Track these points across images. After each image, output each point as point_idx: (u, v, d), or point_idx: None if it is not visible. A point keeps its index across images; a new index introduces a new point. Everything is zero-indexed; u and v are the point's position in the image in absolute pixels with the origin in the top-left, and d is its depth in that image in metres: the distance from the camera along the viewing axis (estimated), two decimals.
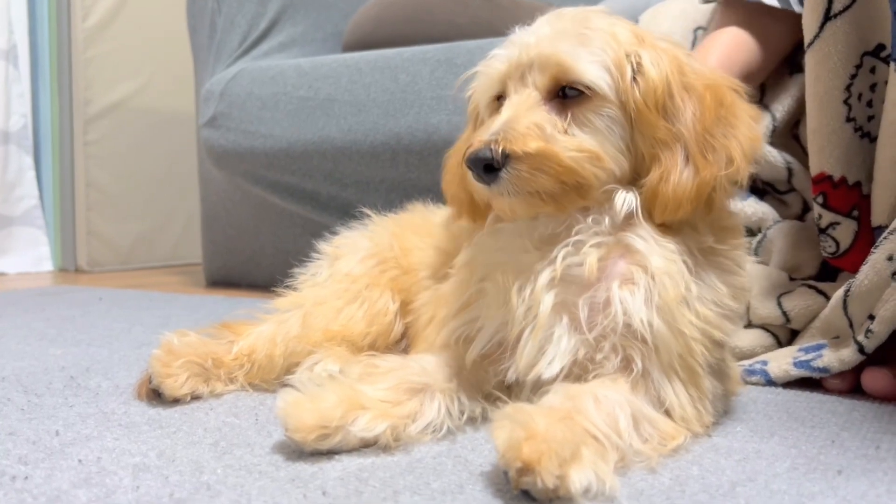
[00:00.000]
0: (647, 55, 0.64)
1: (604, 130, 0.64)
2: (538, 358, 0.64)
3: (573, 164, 0.63)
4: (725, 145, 0.63)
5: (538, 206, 0.65)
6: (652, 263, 0.63)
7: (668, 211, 0.64)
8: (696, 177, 0.63)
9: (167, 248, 2.86)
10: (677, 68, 0.65)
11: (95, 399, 0.81)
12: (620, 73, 0.64)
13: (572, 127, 0.64)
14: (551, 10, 0.72)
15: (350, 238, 0.93)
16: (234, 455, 0.63)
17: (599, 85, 0.64)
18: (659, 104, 0.64)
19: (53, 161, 2.62)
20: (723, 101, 0.65)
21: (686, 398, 0.64)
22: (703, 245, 0.67)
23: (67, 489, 0.55)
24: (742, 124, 0.65)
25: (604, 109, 0.64)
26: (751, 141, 0.65)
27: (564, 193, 0.64)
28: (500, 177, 0.62)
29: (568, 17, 0.67)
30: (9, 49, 2.47)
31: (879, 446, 0.66)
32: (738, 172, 0.64)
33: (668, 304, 0.62)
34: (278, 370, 0.83)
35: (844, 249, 0.91)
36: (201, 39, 2.05)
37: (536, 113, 0.64)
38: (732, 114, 0.65)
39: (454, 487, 0.56)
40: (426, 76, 1.66)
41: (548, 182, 0.63)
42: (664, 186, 0.63)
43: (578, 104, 0.65)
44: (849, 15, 0.84)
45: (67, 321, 1.36)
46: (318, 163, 1.77)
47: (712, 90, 0.65)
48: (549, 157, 0.62)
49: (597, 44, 0.65)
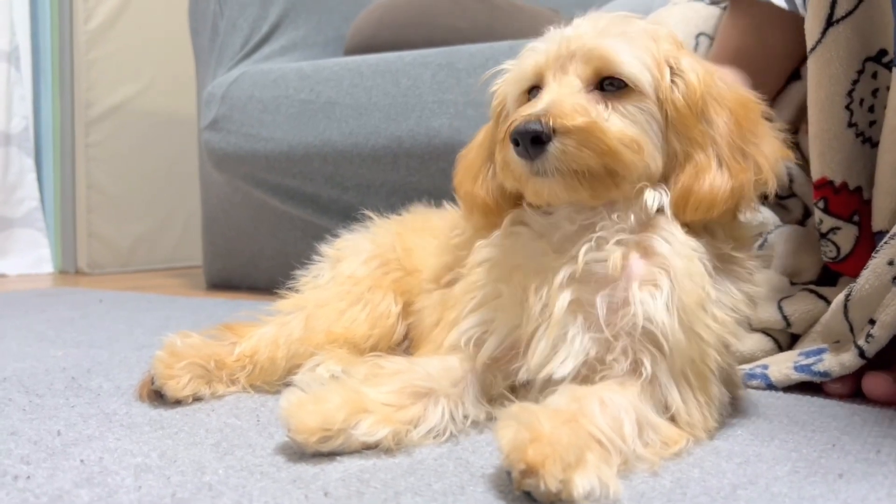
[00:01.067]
0: (685, 60, 0.66)
1: (643, 124, 0.65)
2: (550, 357, 0.64)
3: (619, 145, 0.63)
4: (754, 155, 0.65)
5: (575, 190, 0.64)
6: (673, 265, 0.63)
7: (700, 209, 0.65)
8: (731, 179, 0.64)
9: (167, 250, 2.86)
10: (706, 76, 0.67)
11: (97, 400, 0.81)
12: (660, 73, 0.66)
13: (613, 116, 0.65)
14: (552, 14, 0.73)
15: (352, 240, 0.93)
16: (235, 456, 0.63)
17: (640, 80, 0.65)
18: (697, 107, 0.65)
19: (54, 163, 2.62)
20: (750, 116, 0.67)
21: (693, 403, 0.64)
22: (721, 252, 0.67)
23: (70, 489, 0.55)
24: (768, 138, 0.67)
25: (643, 104, 0.65)
26: (776, 155, 0.67)
27: (602, 178, 0.64)
28: (547, 150, 0.62)
29: (608, 19, 0.69)
30: (10, 51, 2.48)
31: (880, 450, 0.66)
32: (765, 183, 0.66)
33: (687, 305, 0.63)
34: (280, 372, 0.83)
35: (845, 254, 0.91)
36: (203, 42, 2.05)
37: (580, 96, 0.65)
38: (759, 128, 0.67)
39: (455, 489, 0.56)
40: (427, 80, 1.66)
41: (592, 160, 0.62)
42: (699, 185, 0.64)
43: (619, 97, 0.65)
44: (851, 20, 0.84)
45: (68, 323, 1.36)
46: (319, 166, 1.78)
47: (742, 103, 0.67)
48: (598, 133, 0.62)
49: (638, 43, 0.66)
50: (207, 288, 2.10)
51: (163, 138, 2.80)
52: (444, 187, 1.63)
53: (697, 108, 0.65)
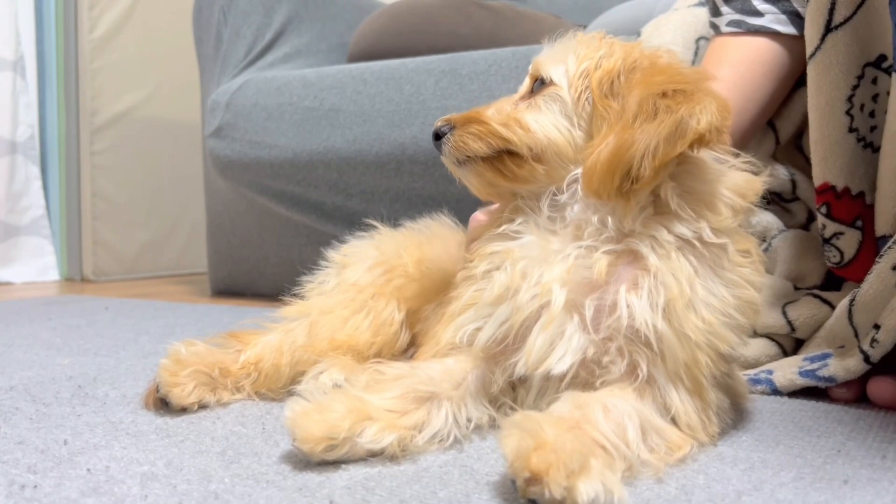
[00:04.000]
0: (605, 52, 0.71)
1: (547, 110, 0.71)
2: (548, 353, 0.65)
3: (498, 127, 0.71)
4: (661, 116, 0.62)
5: (483, 176, 0.73)
6: (653, 263, 0.64)
7: (586, 179, 0.66)
8: (614, 142, 0.64)
9: (172, 257, 2.87)
10: (646, 59, 0.69)
11: (103, 408, 0.81)
12: (578, 66, 0.71)
13: (522, 108, 0.73)
14: (555, 21, 0.76)
15: (358, 247, 0.93)
16: (241, 464, 0.63)
17: (551, 74, 0.72)
18: (604, 86, 0.68)
19: (60, 171, 2.63)
20: (673, 79, 0.65)
21: (692, 406, 0.64)
22: (700, 234, 0.65)
23: (76, 498, 0.55)
24: (693, 101, 0.63)
25: (552, 92, 0.72)
26: (699, 116, 0.62)
27: (507, 164, 0.71)
28: (443, 143, 0.74)
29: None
30: (16, 60, 2.49)
31: (885, 456, 0.66)
32: (667, 144, 0.61)
33: (672, 303, 0.63)
34: (284, 379, 0.84)
35: (849, 259, 0.91)
36: (207, 50, 2.06)
37: (503, 102, 0.75)
38: (683, 91, 0.64)
39: (461, 497, 0.56)
40: (430, 87, 1.67)
41: (478, 144, 0.72)
42: (592, 156, 0.65)
43: (538, 93, 0.73)
44: (850, 26, 0.84)
45: (73, 330, 1.36)
46: (323, 173, 1.78)
47: (667, 70, 0.67)
48: (477, 119, 0.73)
49: (564, 48, 0.74)
50: (212, 295, 2.11)
51: (167, 146, 2.82)
52: (448, 193, 1.64)
53: (606, 85, 0.68)
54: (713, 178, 0.68)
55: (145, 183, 2.76)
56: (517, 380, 0.69)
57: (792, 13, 0.97)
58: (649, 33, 1.18)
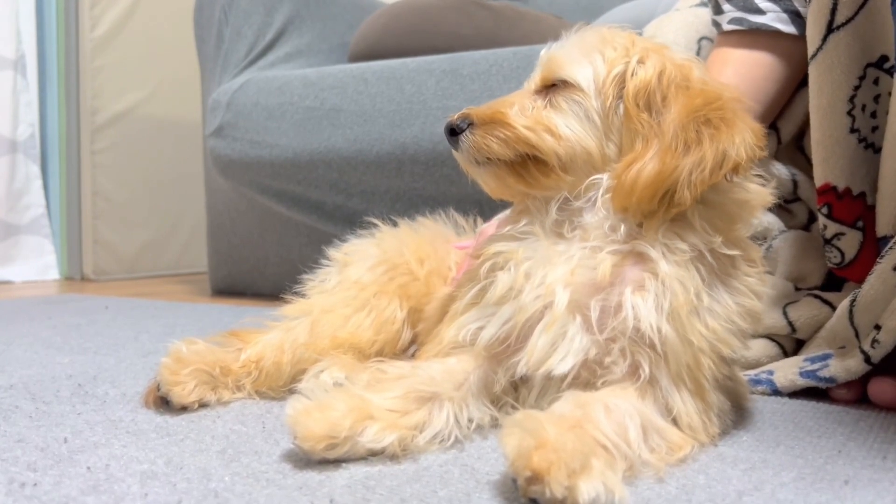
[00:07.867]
0: (653, 58, 0.68)
1: (573, 114, 0.68)
2: (550, 353, 0.65)
3: (525, 132, 0.68)
4: (705, 145, 0.63)
5: (502, 179, 0.71)
6: (663, 269, 0.64)
7: (620, 196, 0.65)
8: (657, 166, 0.64)
9: (173, 256, 2.87)
10: (679, 72, 0.67)
11: (103, 407, 0.81)
12: (608, 72, 0.68)
13: (548, 110, 0.70)
14: (556, 21, 0.75)
15: (360, 245, 0.93)
16: (241, 463, 0.63)
17: (576, 78, 0.69)
18: (642, 99, 0.67)
19: (60, 170, 2.64)
20: (713, 104, 0.65)
21: (693, 407, 0.65)
22: (713, 246, 0.66)
23: (76, 496, 0.55)
24: (733, 130, 0.64)
25: (576, 96, 0.69)
26: (740, 144, 0.63)
27: (528, 168, 0.69)
28: (461, 141, 0.71)
29: (580, 33, 0.74)
30: (17, 59, 2.49)
31: (886, 456, 0.66)
32: (709, 174, 0.63)
33: (677, 310, 0.63)
34: (286, 378, 0.84)
35: (850, 260, 0.91)
36: (208, 50, 2.06)
37: (519, 96, 0.72)
38: (723, 118, 0.65)
39: (461, 496, 0.56)
40: (431, 87, 1.67)
41: (500, 148, 0.69)
42: (627, 172, 0.65)
43: (557, 92, 0.70)
44: (852, 26, 0.84)
45: (73, 329, 1.36)
46: (324, 173, 1.78)
47: (706, 93, 0.66)
48: (501, 121, 0.69)
49: (586, 48, 0.70)
50: (213, 294, 2.11)
51: (168, 145, 2.82)
52: (449, 193, 1.64)
53: (643, 99, 0.66)
54: (729, 191, 0.68)
55: (146, 182, 2.76)
56: (519, 379, 0.69)
57: (793, 12, 0.97)
58: (651, 33, 1.18)
